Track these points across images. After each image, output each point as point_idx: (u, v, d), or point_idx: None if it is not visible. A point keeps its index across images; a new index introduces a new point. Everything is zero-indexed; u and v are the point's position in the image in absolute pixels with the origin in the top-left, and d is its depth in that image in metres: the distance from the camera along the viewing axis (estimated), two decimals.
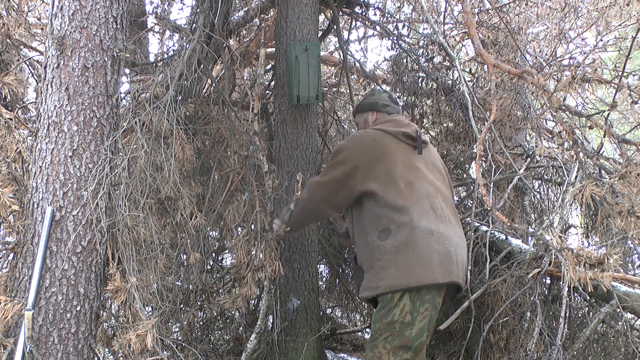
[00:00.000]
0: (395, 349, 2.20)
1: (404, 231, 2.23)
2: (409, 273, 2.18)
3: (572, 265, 2.10)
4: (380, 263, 2.25)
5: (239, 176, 2.84)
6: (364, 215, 2.36)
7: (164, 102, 2.34)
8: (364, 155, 2.37)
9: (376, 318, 2.25)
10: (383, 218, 2.28)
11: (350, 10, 3.65)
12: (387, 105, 2.65)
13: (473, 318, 2.68)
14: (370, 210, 2.33)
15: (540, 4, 4.58)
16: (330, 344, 3.76)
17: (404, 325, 2.19)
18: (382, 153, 2.37)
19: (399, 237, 2.23)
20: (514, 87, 3.85)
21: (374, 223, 2.31)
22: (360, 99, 2.85)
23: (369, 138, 2.43)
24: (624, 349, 2.51)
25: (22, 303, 1.95)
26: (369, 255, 2.30)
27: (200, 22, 2.74)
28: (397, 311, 2.19)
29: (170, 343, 2.35)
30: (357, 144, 2.44)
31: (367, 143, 2.41)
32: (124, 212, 2.10)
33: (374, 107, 2.66)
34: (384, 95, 2.71)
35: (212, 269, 3.52)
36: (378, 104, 2.66)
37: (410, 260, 2.19)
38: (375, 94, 2.72)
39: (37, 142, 2.08)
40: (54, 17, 2.07)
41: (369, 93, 2.78)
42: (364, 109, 2.70)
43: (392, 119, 2.57)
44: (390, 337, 2.21)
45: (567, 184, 3.13)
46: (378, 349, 2.23)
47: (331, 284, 4.19)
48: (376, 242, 2.28)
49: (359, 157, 2.36)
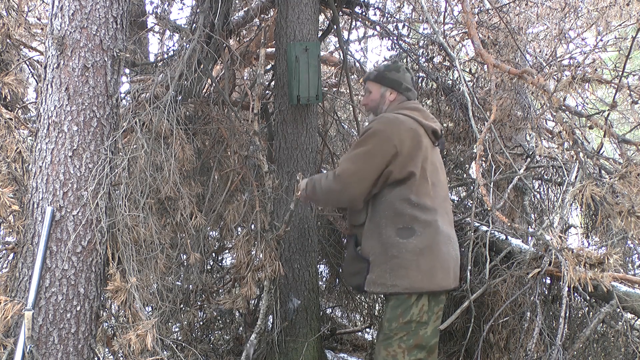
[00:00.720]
0: (411, 348, 2.20)
1: (429, 233, 2.19)
2: (431, 277, 2.18)
3: (572, 265, 2.10)
4: (398, 261, 2.17)
5: (239, 176, 2.84)
6: (380, 206, 2.24)
7: (164, 102, 2.34)
8: (404, 143, 2.19)
9: (392, 317, 2.21)
10: (406, 216, 2.19)
11: (350, 10, 3.65)
12: (409, 89, 2.44)
13: (473, 318, 2.68)
14: (391, 204, 2.21)
15: (540, 4, 4.58)
16: (330, 344, 3.76)
17: (419, 325, 2.20)
18: (419, 146, 2.23)
19: (425, 239, 2.18)
20: (514, 87, 3.85)
21: (392, 218, 2.20)
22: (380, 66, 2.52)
23: (407, 125, 2.24)
24: (624, 349, 2.51)
25: (22, 303, 1.95)
26: (381, 250, 2.21)
27: (200, 22, 2.74)
28: (416, 311, 2.19)
29: (170, 343, 2.35)
30: (397, 129, 2.22)
31: (407, 130, 2.23)
32: (124, 212, 2.10)
33: (397, 87, 2.42)
34: (408, 77, 2.47)
35: (212, 269, 3.52)
36: (402, 85, 2.42)
37: (434, 264, 2.18)
38: (401, 71, 2.45)
39: (37, 142, 2.08)
40: (54, 17, 2.07)
41: (393, 66, 2.49)
42: (386, 83, 2.43)
43: (417, 108, 2.38)
44: (405, 336, 2.20)
45: (567, 184, 3.13)
46: (393, 348, 2.21)
47: (331, 284, 4.19)
48: (394, 238, 2.18)
49: (399, 143, 2.18)
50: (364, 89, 2.57)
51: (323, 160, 4.01)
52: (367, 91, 2.50)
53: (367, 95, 2.50)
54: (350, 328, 4.05)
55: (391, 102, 2.42)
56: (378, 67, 2.56)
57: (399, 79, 2.43)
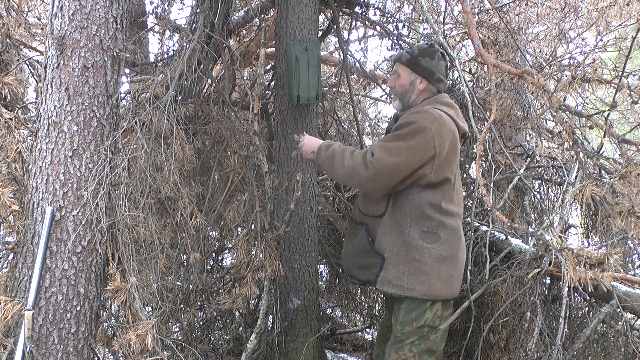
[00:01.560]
0: (422, 352, 2.19)
1: (454, 241, 2.18)
2: (450, 285, 2.18)
3: (572, 265, 2.10)
4: (419, 265, 2.13)
5: (239, 176, 2.84)
6: (406, 205, 2.15)
7: (164, 102, 2.34)
8: (443, 146, 2.08)
9: (405, 320, 2.19)
10: (433, 220, 2.13)
11: (350, 10, 3.65)
12: (441, 80, 2.27)
13: (473, 318, 2.68)
14: (419, 205, 2.13)
15: (540, 4, 4.58)
16: (330, 344, 3.76)
17: (431, 330, 2.19)
18: (455, 150, 2.16)
19: (448, 247, 2.16)
20: (514, 87, 3.85)
21: (418, 219, 2.13)
22: (414, 49, 2.30)
23: (449, 128, 2.12)
24: (624, 349, 2.51)
25: (22, 303, 1.95)
26: (400, 249, 2.15)
27: (200, 22, 2.74)
28: (430, 316, 2.18)
29: (170, 343, 2.35)
30: (439, 129, 2.08)
31: (448, 132, 2.11)
32: (124, 212, 2.10)
33: (429, 77, 2.25)
34: (442, 65, 2.28)
35: (212, 269, 3.53)
36: (435, 75, 2.25)
37: (453, 274, 2.19)
38: (435, 58, 2.26)
39: (37, 142, 2.08)
40: (54, 17, 2.07)
41: (428, 51, 2.27)
42: (418, 70, 2.26)
43: (452, 105, 2.25)
44: (417, 340, 2.19)
45: (567, 184, 3.13)
46: (404, 352, 2.20)
47: (331, 284, 4.19)
48: (417, 240, 2.12)
49: (439, 146, 2.07)
50: (391, 70, 2.39)
51: None
52: (396, 74, 2.32)
53: (394, 77, 2.32)
54: (350, 328, 4.05)
55: (420, 91, 2.27)
56: (412, 49, 2.33)
57: (432, 68, 2.25)
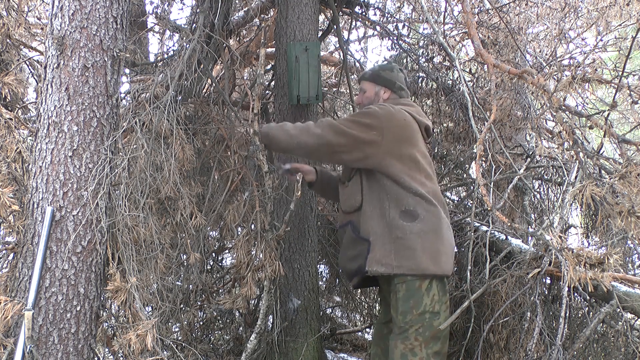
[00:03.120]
0: (427, 340, 2.21)
1: (432, 218, 2.24)
2: (436, 260, 2.21)
3: (572, 265, 2.10)
4: (403, 242, 2.20)
5: (239, 176, 2.84)
6: (382, 189, 2.29)
7: (164, 102, 2.34)
8: (392, 132, 2.27)
9: (405, 309, 2.22)
10: (409, 198, 2.24)
11: (350, 10, 3.65)
12: (402, 89, 2.54)
13: (473, 318, 2.68)
14: (393, 189, 2.27)
15: (540, 4, 4.58)
16: (330, 344, 3.76)
17: (433, 315, 2.22)
18: (411, 137, 2.32)
19: (429, 223, 2.23)
20: (514, 87, 3.85)
21: (395, 200, 2.26)
22: (375, 66, 2.65)
23: (401, 117, 2.33)
24: (624, 349, 2.51)
25: (22, 303, 1.95)
26: (384, 230, 2.24)
27: (200, 22, 2.74)
28: (428, 301, 2.20)
29: (170, 343, 2.35)
30: (389, 117, 2.30)
31: (399, 121, 2.31)
32: (124, 212, 2.10)
33: (391, 86, 2.52)
34: (402, 77, 2.57)
35: (212, 269, 3.53)
36: (396, 84, 2.52)
37: (438, 248, 2.22)
38: (394, 70, 2.56)
39: (37, 142, 2.08)
40: (54, 17, 2.07)
41: (387, 66, 2.61)
42: (380, 82, 2.53)
43: (411, 104, 2.48)
44: (421, 328, 2.21)
45: (567, 184, 3.12)
46: (410, 341, 2.21)
47: (331, 284, 4.19)
48: (398, 220, 2.22)
49: (386, 131, 2.26)
50: (359, 89, 2.65)
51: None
52: (362, 90, 2.59)
53: (361, 94, 2.59)
54: (350, 328, 4.05)
55: (385, 100, 2.51)
56: (373, 67, 2.67)
57: (392, 78, 2.52)
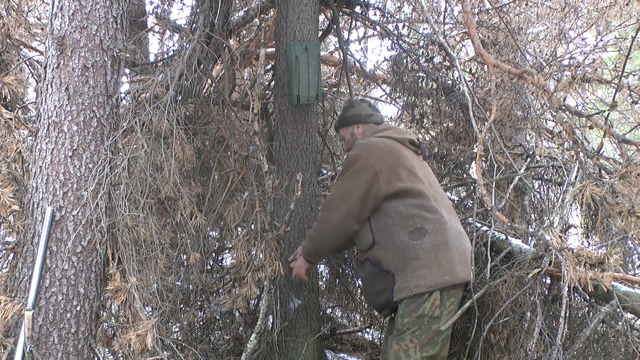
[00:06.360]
0: (423, 344, 2.21)
1: (440, 229, 2.25)
2: (452, 270, 2.22)
3: (572, 265, 2.10)
4: (418, 262, 2.21)
5: (239, 176, 2.84)
6: (386, 216, 2.30)
7: (164, 102, 2.34)
8: (382, 161, 2.32)
9: (405, 312, 2.23)
10: (415, 217, 2.25)
11: (350, 10, 3.65)
12: (371, 115, 2.61)
13: (476, 318, 2.67)
14: (396, 210, 2.28)
15: (540, 4, 4.58)
16: (330, 344, 3.76)
17: (432, 320, 2.21)
18: (399, 156, 2.36)
19: (437, 236, 2.23)
20: (514, 87, 3.84)
21: (401, 223, 2.26)
22: (339, 115, 2.77)
23: (381, 144, 2.39)
24: (624, 349, 2.51)
25: (22, 303, 1.95)
26: (400, 256, 2.25)
27: (200, 22, 2.74)
28: (428, 305, 2.20)
29: (170, 343, 2.35)
30: (371, 150, 2.37)
31: (381, 148, 2.37)
32: (124, 212, 2.10)
33: (359, 120, 2.61)
34: (364, 105, 2.65)
35: (212, 269, 3.52)
36: (362, 115, 2.60)
37: (452, 258, 2.23)
38: (355, 105, 2.66)
39: (37, 142, 2.08)
40: (54, 17, 2.07)
41: (347, 106, 2.72)
42: (348, 123, 2.63)
43: (389, 127, 2.54)
44: (418, 331, 2.22)
45: (567, 184, 3.12)
46: (405, 342, 2.22)
47: (331, 284, 4.18)
48: (408, 242, 2.23)
49: (377, 163, 2.31)
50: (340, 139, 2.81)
51: (323, 160, 4.01)
52: (342, 139, 2.71)
53: (343, 142, 2.70)
54: (350, 328, 4.05)
55: (362, 134, 2.59)
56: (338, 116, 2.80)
57: (357, 113, 2.61)
